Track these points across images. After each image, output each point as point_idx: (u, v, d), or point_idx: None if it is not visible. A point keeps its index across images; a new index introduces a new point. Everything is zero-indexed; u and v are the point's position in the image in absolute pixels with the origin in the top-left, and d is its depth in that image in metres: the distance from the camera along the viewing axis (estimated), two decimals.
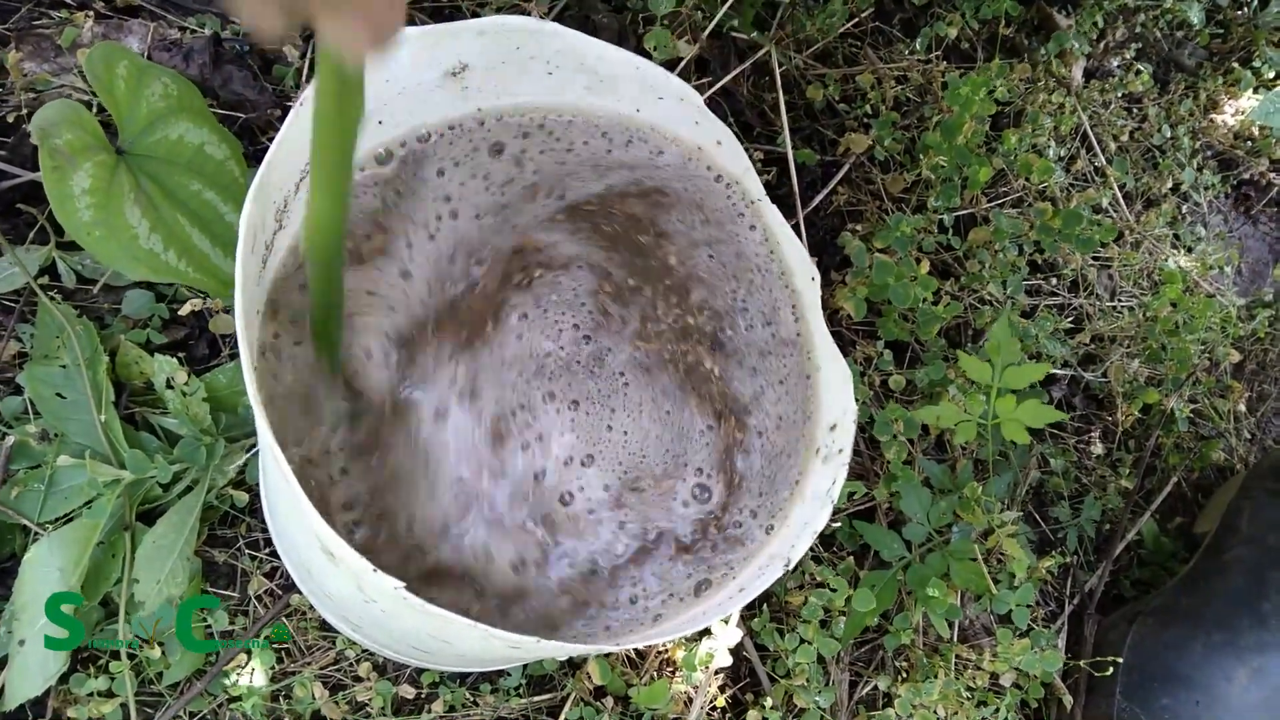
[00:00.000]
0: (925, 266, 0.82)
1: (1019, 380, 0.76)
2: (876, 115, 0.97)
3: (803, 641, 0.73)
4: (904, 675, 0.79)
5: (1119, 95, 1.16)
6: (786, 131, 0.87)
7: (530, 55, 0.55)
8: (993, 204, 1.00)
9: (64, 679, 0.64)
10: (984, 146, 1.01)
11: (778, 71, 0.89)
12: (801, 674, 0.73)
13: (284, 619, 0.70)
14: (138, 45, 0.80)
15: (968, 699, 0.76)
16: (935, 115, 0.99)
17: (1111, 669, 0.81)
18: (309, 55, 0.82)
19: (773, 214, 0.55)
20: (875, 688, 0.78)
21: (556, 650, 0.42)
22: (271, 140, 0.79)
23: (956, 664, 0.78)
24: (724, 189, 0.57)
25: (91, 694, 0.64)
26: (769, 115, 0.95)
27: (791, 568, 0.46)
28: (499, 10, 0.86)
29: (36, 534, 0.65)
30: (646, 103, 0.57)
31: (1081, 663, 0.81)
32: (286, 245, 0.54)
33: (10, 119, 0.74)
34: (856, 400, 0.54)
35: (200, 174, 0.68)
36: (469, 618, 0.41)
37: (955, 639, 0.80)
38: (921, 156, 0.94)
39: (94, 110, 0.75)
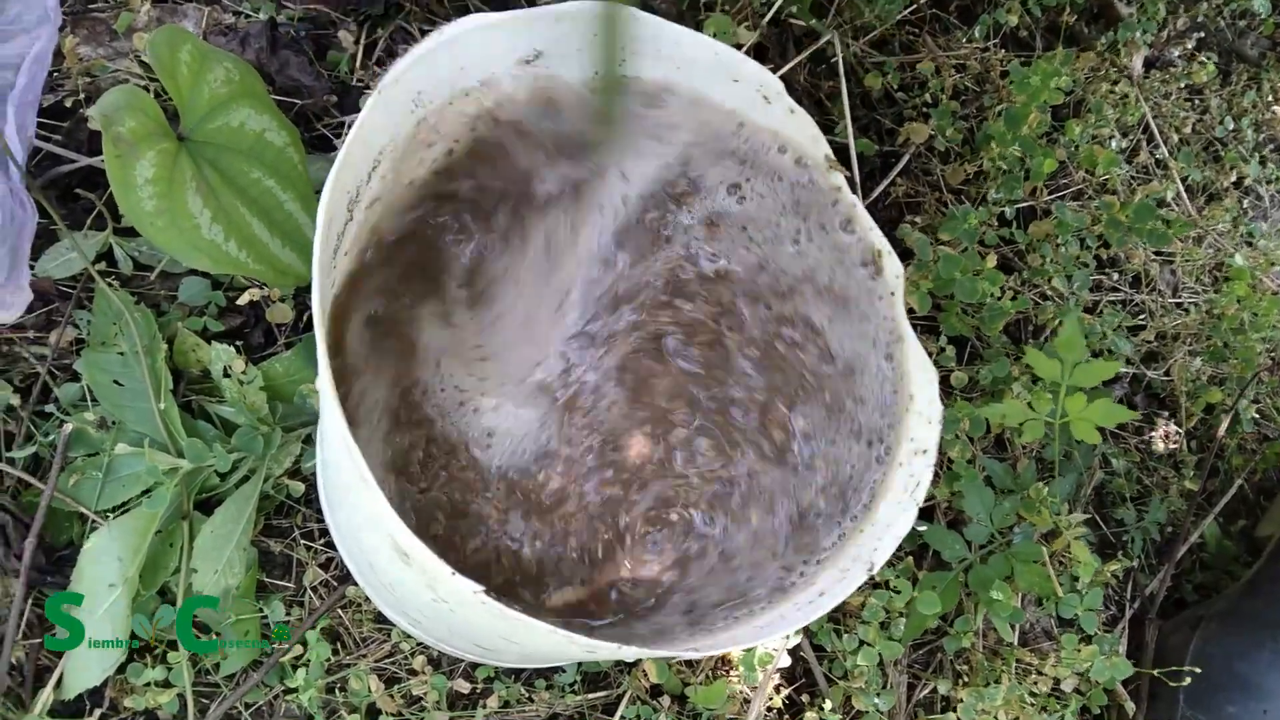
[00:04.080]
0: (992, 260, 0.80)
1: (1089, 378, 0.74)
2: (936, 104, 0.94)
3: (863, 643, 0.71)
4: (963, 679, 0.77)
5: (1181, 86, 1.13)
6: (849, 121, 0.85)
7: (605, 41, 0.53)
8: (1053, 196, 0.98)
9: (121, 669, 0.63)
10: (1044, 137, 0.99)
11: (841, 59, 0.87)
12: (860, 676, 0.71)
13: (339, 610, 0.70)
14: (192, 29, 0.80)
15: (1030, 705, 0.74)
16: (994, 104, 0.97)
17: (1167, 673, 0.79)
18: (362, 41, 0.81)
19: (858, 204, 0.53)
20: (934, 690, 0.77)
21: (636, 655, 0.41)
22: (327, 127, 0.78)
23: (1017, 668, 0.76)
24: (805, 174, 0.55)
25: (149, 684, 0.64)
26: (826, 104, 0.93)
27: (875, 572, 0.45)
28: None
29: (94, 522, 0.65)
30: (720, 87, 0.56)
31: (1155, 672, 0.79)
32: (354, 235, 0.53)
33: (68, 104, 0.73)
34: None
35: (260, 161, 0.67)
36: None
37: (1016, 643, 0.79)
38: (982, 147, 0.92)
39: (152, 94, 0.75)
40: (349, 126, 0.77)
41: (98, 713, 0.64)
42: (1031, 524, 0.76)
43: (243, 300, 0.69)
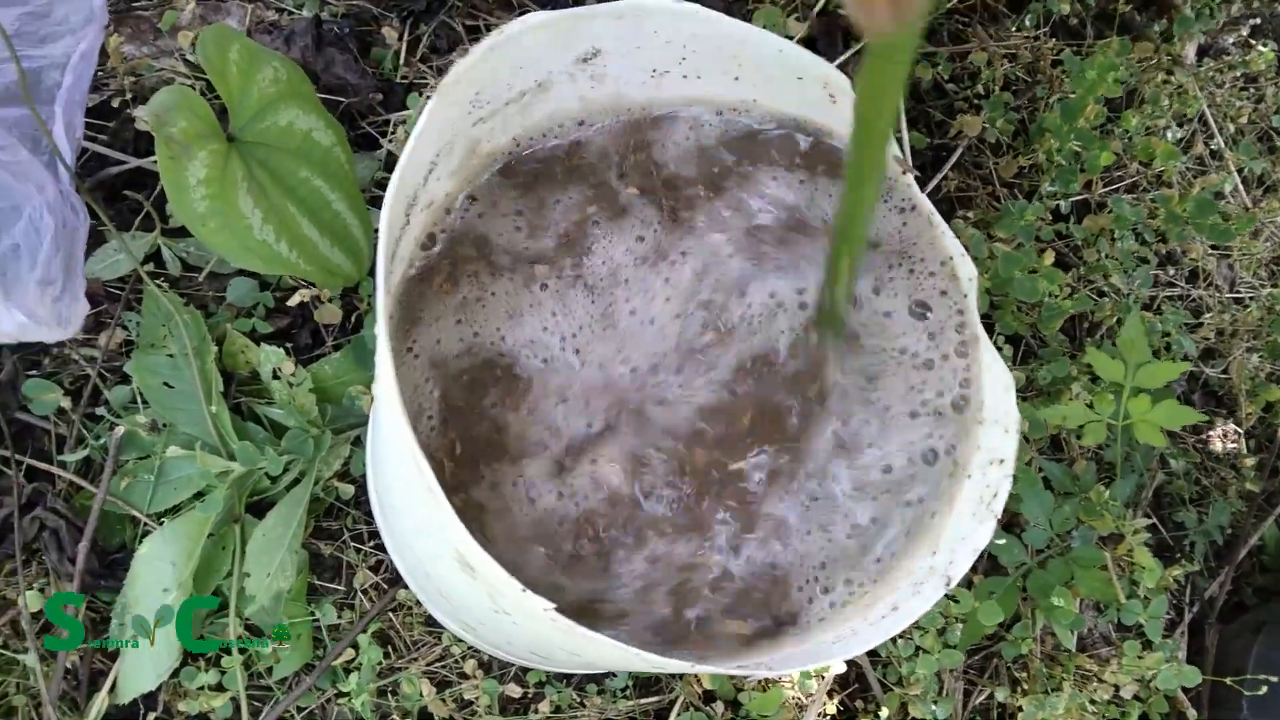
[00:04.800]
0: (1050, 258, 0.78)
1: (1154, 379, 0.72)
2: (987, 96, 0.92)
3: (920, 650, 0.70)
4: (1021, 685, 0.75)
5: (1237, 75, 1.10)
6: (903, 114, 0.83)
7: (667, 39, 0.52)
8: (1108, 189, 0.96)
9: (175, 673, 0.63)
10: (1098, 129, 0.96)
11: None
12: (917, 683, 0.70)
13: (390, 613, 0.69)
14: (235, 26, 0.79)
15: (1091, 713, 0.73)
16: (1047, 95, 0.95)
17: (1234, 681, 0.77)
18: (406, 37, 0.80)
19: (928, 204, 0.52)
20: (991, 697, 0.75)
21: (709, 672, 0.40)
22: (372, 125, 0.77)
23: (1076, 675, 0.75)
24: None
25: (202, 688, 0.64)
26: None
27: (953, 587, 0.43)
28: None
29: (146, 525, 0.65)
30: (784, 85, 0.54)
31: (1229, 680, 0.77)
32: (412, 237, 0.52)
33: (114, 104, 0.73)
34: None
35: (308, 161, 0.66)
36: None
37: (1075, 649, 0.77)
38: (1036, 140, 0.90)
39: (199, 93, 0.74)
40: (395, 124, 0.77)
41: (151, 716, 0.64)
42: (1091, 528, 0.75)
43: (292, 301, 0.69)
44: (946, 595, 0.70)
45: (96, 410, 0.66)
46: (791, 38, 0.82)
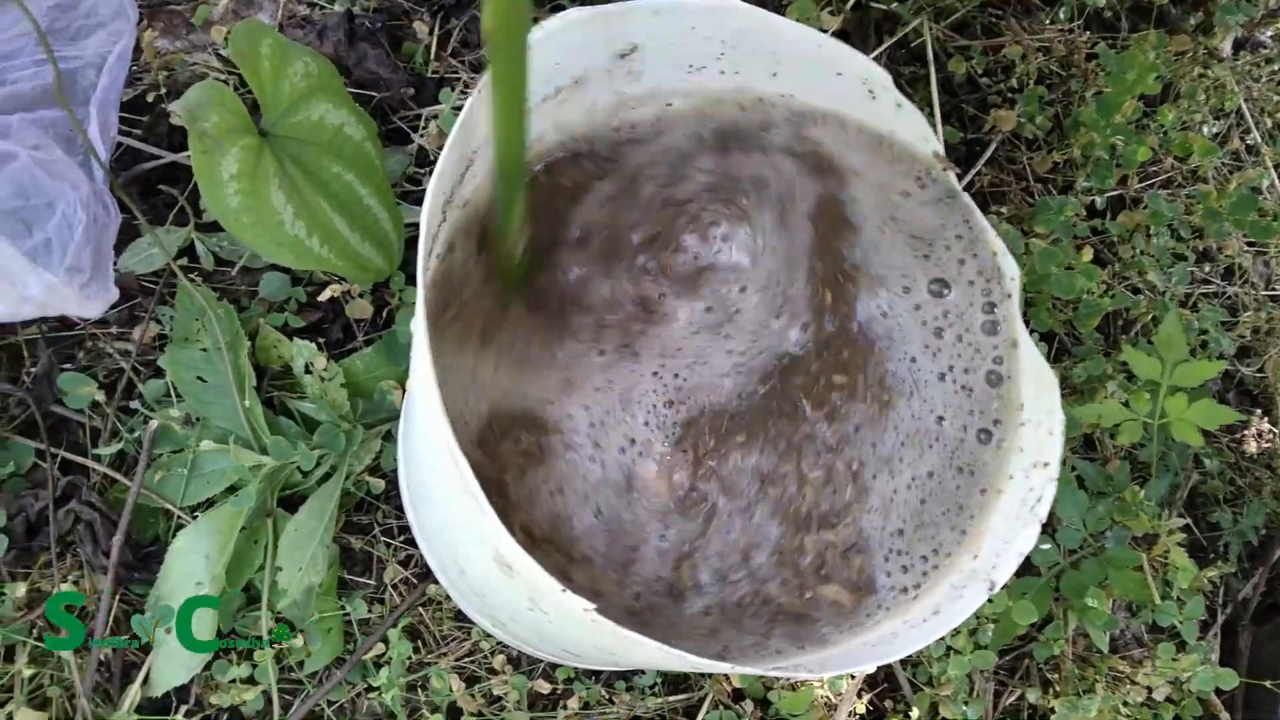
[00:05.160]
0: (1088, 254, 0.77)
1: (1191, 378, 0.71)
2: (1021, 90, 0.91)
3: (951, 650, 0.69)
4: (1053, 687, 0.75)
5: (1274, 69, 1.08)
6: (938, 110, 0.82)
7: (705, 35, 0.52)
8: (1143, 184, 0.94)
9: (207, 666, 0.64)
10: (1134, 124, 0.95)
11: (929, 44, 0.84)
12: (948, 683, 0.69)
13: (419, 608, 0.69)
14: (268, 21, 0.79)
15: (1124, 715, 0.72)
16: (1081, 89, 0.93)
17: (1273, 685, 0.76)
18: (436, 32, 0.80)
19: (971, 203, 0.51)
20: (1022, 698, 0.74)
21: (749, 673, 0.39)
22: (403, 119, 0.77)
23: (1109, 676, 0.74)
24: (910, 170, 0.53)
25: (234, 681, 0.64)
26: (907, 90, 0.90)
27: (996, 591, 0.43)
28: None
29: (179, 518, 0.65)
30: (823, 81, 0.53)
31: (1269, 684, 0.76)
32: (446, 238, 0.52)
33: (148, 98, 0.73)
34: None
35: (340, 156, 0.66)
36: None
37: (1108, 650, 0.76)
38: (1071, 134, 0.89)
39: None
40: (426, 119, 0.76)
41: (183, 709, 0.64)
42: (1125, 528, 0.74)
43: (324, 296, 0.69)
44: None
45: (131, 404, 0.67)
46: (825, 31, 0.82)
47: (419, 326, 0.41)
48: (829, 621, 0.48)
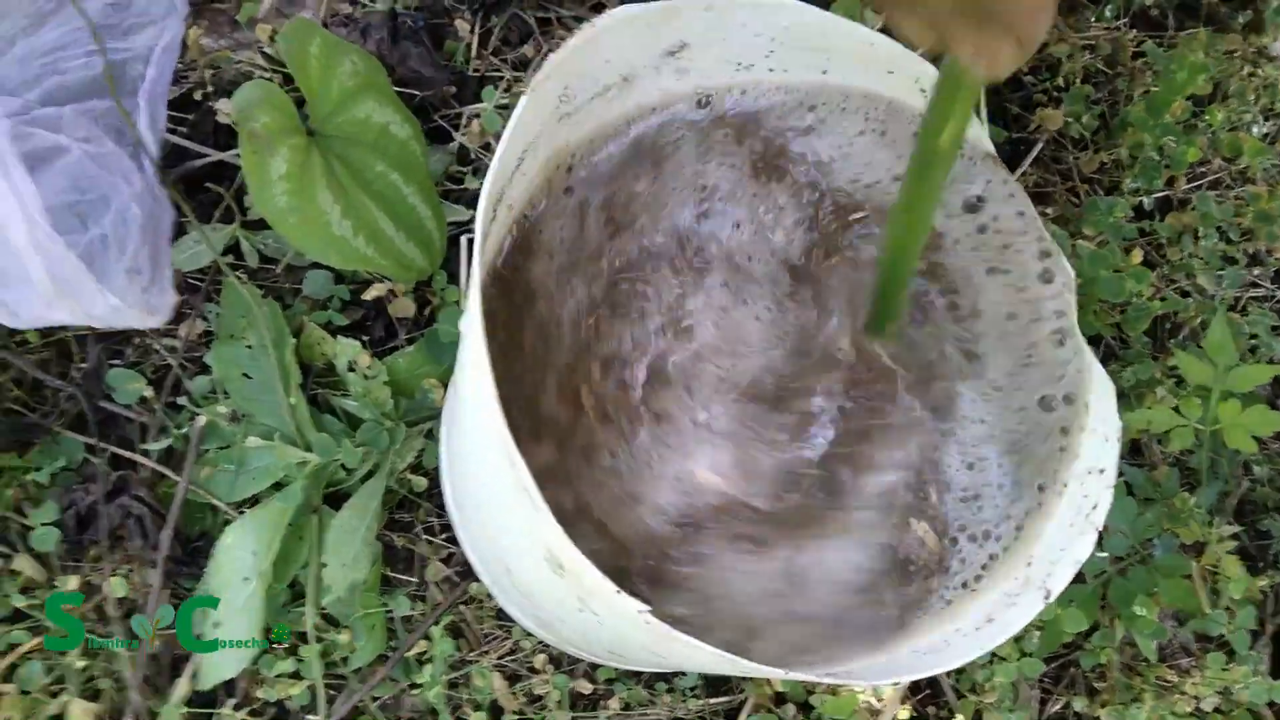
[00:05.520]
0: (1138, 256, 0.76)
1: (1244, 383, 0.70)
2: (1067, 88, 0.90)
3: (996, 657, 0.68)
4: (1099, 696, 0.74)
5: None
6: (984, 109, 0.81)
7: (755, 32, 0.51)
8: (1191, 185, 0.93)
9: (254, 660, 0.64)
10: (1183, 124, 0.94)
11: None
12: (993, 691, 0.68)
13: (461, 606, 0.69)
14: (311, 18, 0.79)
15: None
16: (1128, 88, 0.92)
17: None
18: (478, 30, 0.80)
19: (1027, 201, 0.51)
20: (1067, 706, 0.73)
21: (799, 679, 0.39)
22: (444, 118, 0.77)
23: (1157, 686, 0.73)
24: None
25: (280, 676, 0.64)
26: None
27: (1053, 599, 0.42)
28: None
29: (226, 514, 0.66)
30: (874, 79, 0.53)
31: None
32: (496, 235, 0.52)
33: (195, 96, 0.74)
34: None
35: (385, 155, 0.66)
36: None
37: (1155, 659, 0.75)
38: (1118, 134, 0.87)
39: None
40: (468, 118, 0.77)
41: (231, 703, 0.64)
42: (1174, 535, 0.73)
43: (368, 295, 0.69)
44: None
45: (178, 400, 0.67)
46: (870, 28, 0.81)
47: (472, 327, 0.41)
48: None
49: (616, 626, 0.45)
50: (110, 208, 0.60)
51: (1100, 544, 0.72)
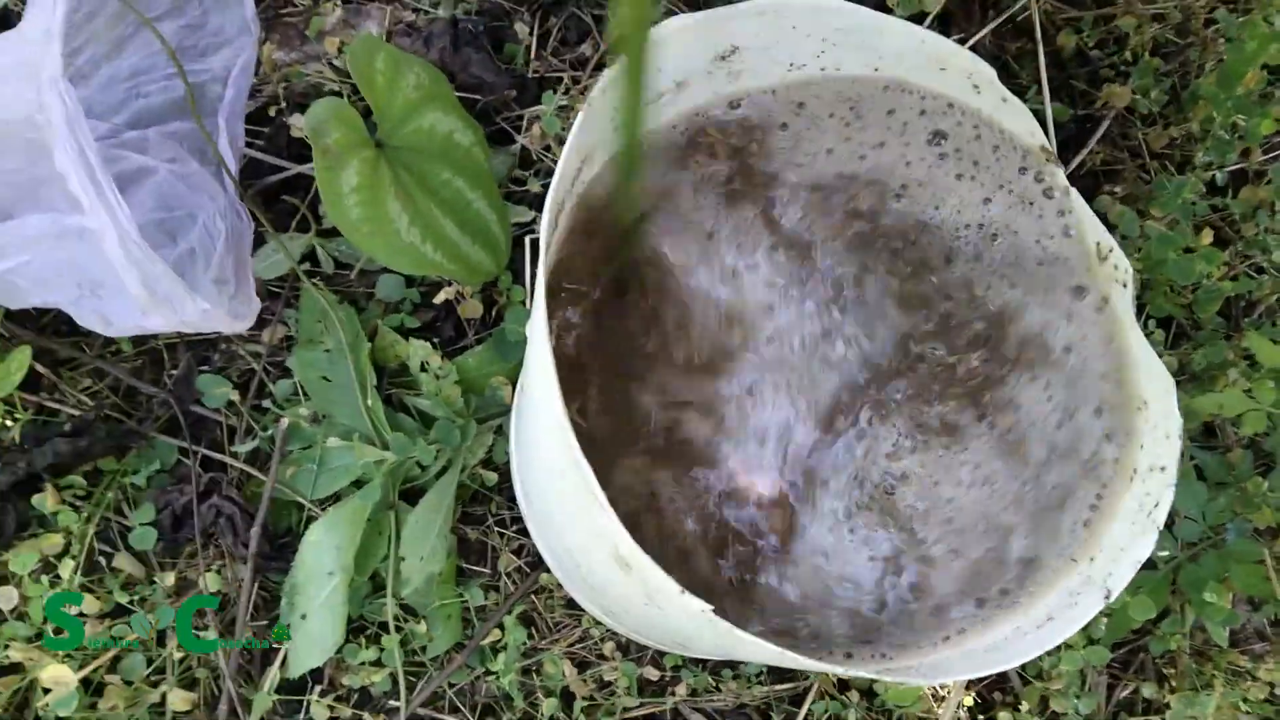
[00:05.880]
0: (1208, 237, 0.74)
1: None
2: (1135, 61, 0.88)
3: (1064, 645, 0.68)
4: (1169, 682, 0.73)
5: None
6: (1046, 89, 0.80)
7: (806, 33, 0.52)
8: (1268, 157, 0.90)
9: (339, 649, 0.67)
10: (1258, 94, 0.90)
11: (1036, 17, 0.82)
12: (1060, 678, 0.69)
13: (532, 595, 0.72)
14: (375, 29, 0.82)
15: (1244, 712, 0.70)
16: (1199, 59, 0.89)
17: None
18: (536, 31, 0.82)
19: (1078, 198, 0.50)
20: (1136, 692, 0.73)
21: (861, 675, 0.40)
22: (506, 120, 0.79)
23: (1229, 672, 0.72)
24: (1017, 164, 0.52)
25: (363, 664, 0.68)
26: (1013, 66, 0.88)
27: (1113, 600, 0.42)
28: None
29: (310, 511, 0.69)
30: (926, 75, 0.53)
31: None
32: (558, 241, 0.54)
33: (270, 111, 0.77)
34: None
35: (449, 162, 0.68)
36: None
37: (1227, 645, 0.74)
38: (1189, 108, 0.85)
39: (345, 98, 0.77)
40: (529, 120, 0.78)
41: (318, 689, 0.68)
42: (1247, 520, 0.71)
43: (438, 299, 0.72)
44: None
45: (263, 403, 0.71)
46: (928, 13, 0.80)
47: (538, 331, 0.43)
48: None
49: (681, 621, 0.47)
50: (196, 223, 0.63)
51: (1170, 530, 0.72)
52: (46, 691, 0.63)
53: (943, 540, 0.53)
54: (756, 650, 0.42)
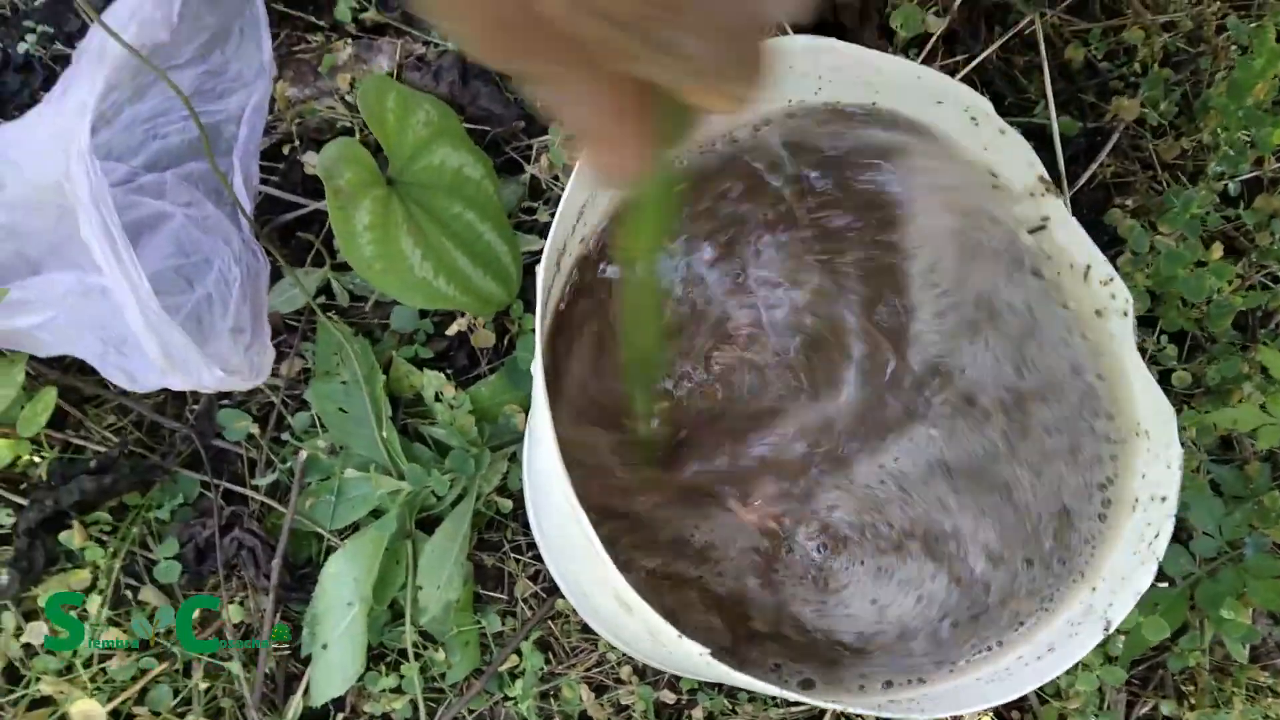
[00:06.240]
0: (1218, 250, 0.74)
1: None
2: (1145, 73, 0.87)
3: (1080, 664, 0.68)
4: (1188, 699, 0.73)
5: None
6: (1052, 103, 0.80)
7: (802, 72, 0.52)
8: None
9: (360, 677, 0.69)
10: (1268, 106, 0.90)
11: (1040, 33, 0.82)
12: (1077, 696, 0.69)
13: (548, 621, 0.73)
14: (387, 64, 0.83)
15: None
16: (1211, 67, 0.89)
17: None
18: None
19: (1074, 231, 0.50)
20: (1155, 709, 0.73)
21: (858, 712, 0.41)
22: (515, 150, 0.80)
23: (1249, 688, 0.72)
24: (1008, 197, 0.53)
25: (384, 691, 0.69)
26: (1020, 80, 0.88)
27: (1113, 631, 0.43)
28: None
29: (329, 541, 0.71)
30: (923, 108, 0.53)
31: None
32: (562, 281, 0.55)
33: (284, 149, 0.78)
34: None
35: (460, 196, 0.69)
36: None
37: (1247, 661, 0.73)
38: (1200, 118, 0.84)
39: (356, 135, 0.79)
40: (538, 150, 0.79)
41: (340, 717, 0.70)
42: (1264, 534, 0.71)
43: (451, 330, 0.73)
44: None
45: (282, 435, 0.72)
46: (931, 34, 0.81)
47: (537, 379, 0.44)
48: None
49: (685, 660, 0.47)
50: (213, 268, 0.65)
51: (1187, 546, 0.72)
52: None
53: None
54: (757, 688, 0.42)
